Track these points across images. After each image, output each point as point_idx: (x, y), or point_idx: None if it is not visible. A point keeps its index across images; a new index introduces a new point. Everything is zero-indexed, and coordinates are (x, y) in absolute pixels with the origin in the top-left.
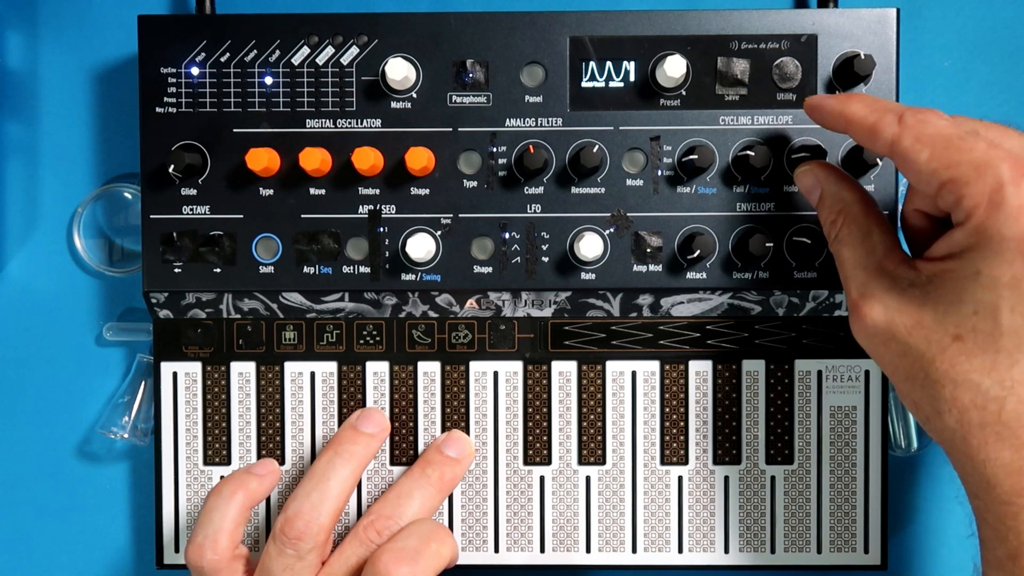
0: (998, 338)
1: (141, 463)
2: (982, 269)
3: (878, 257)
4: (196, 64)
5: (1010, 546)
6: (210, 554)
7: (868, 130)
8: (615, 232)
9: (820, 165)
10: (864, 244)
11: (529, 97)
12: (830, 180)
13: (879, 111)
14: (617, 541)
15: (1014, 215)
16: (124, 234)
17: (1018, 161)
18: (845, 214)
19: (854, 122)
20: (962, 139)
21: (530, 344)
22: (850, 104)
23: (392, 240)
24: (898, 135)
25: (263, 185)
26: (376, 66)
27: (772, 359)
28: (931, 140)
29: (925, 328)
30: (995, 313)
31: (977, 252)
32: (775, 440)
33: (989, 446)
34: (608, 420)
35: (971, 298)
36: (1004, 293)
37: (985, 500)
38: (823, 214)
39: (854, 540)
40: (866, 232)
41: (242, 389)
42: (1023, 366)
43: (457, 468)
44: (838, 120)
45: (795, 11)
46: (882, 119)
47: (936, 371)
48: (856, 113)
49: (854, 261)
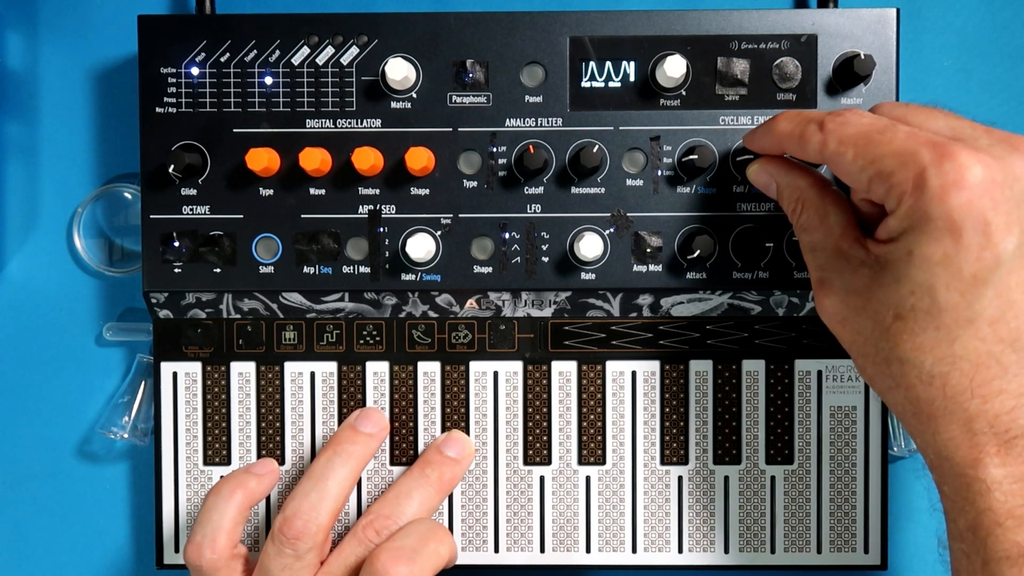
0: (937, 316)
1: (141, 463)
2: (914, 250)
3: (835, 238)
4: (196, 64)
5: (968, 518)
6: (209, 553)
7: (797, 143)
8: (615, 232)
9: (769, 160)
10: (822, 226)
11: (529, 97)
12: (781, 172)
13: (802, 122)
14: (617, 541)
15: (938, 195)
16: (124, 234)
17: (936, 144)
18: (802, 201)
19: (783, 138)
20: (881, 132)
21: (530, 344)
22: (776, 124)
23: (392, 240)
24: (823, 141)
25: (263, 185)
26: (376, 66)
27: (772, 359)
28: (852, 140)
29: (872, 308)
30: (931, 292)
31: (909, 234)
32: (775, 440)
33: (938, 421)
34: (608, 420)
35: (908, 278)
36: (937, 271)
37: (941, 473)
38: (784, 205)
39: (854, 540)
40: (823, 215)
41: (242, 389)
42: (963, 341)
43: (457, 468)
44: (771, 141)
45: (795, 11)
46: (805, 129)
47: (884, 349)
48: (783, 129)
49: (813, 244)
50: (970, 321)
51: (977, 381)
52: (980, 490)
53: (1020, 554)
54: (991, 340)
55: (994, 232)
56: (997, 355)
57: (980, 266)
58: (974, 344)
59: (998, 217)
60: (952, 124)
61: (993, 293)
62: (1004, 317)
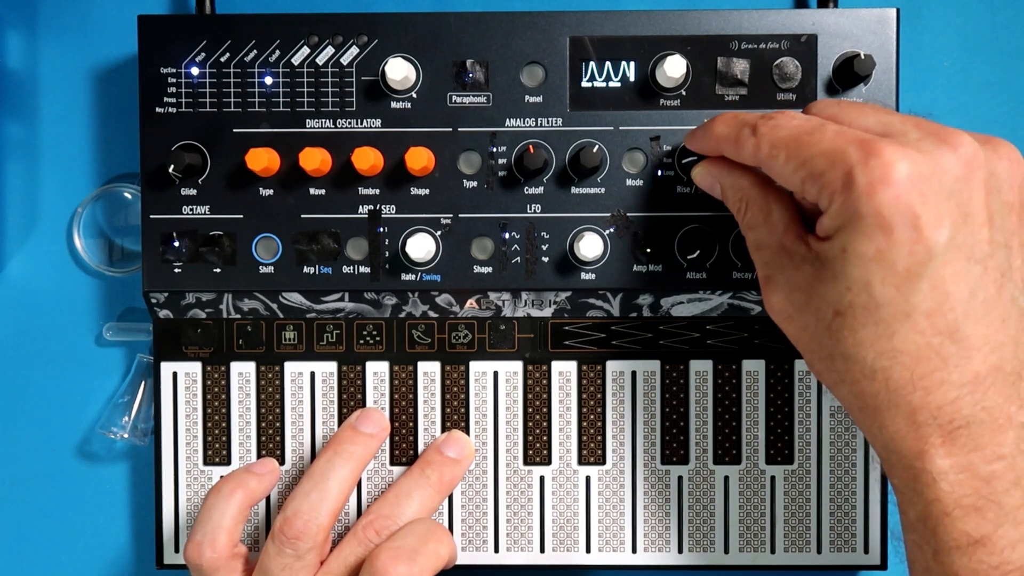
0: (874, 311)
1: (141, 463)
2: (848, 247)
3: (778, 235)
4: (196, 64)
5: (918, 509)
6: (209, 552)
7: (733, 145)
8: (615, 232)
9: (711, 162)
10: (766, 224)
11: (529, 97)
12: (723, 172)
13: (737, 125)
14: (617, 541)
15: (866, 192)
16: (124, 234)
17: (863, 141)
18: (746, 200)
19: (720, 141)
20: (810, 133)
21: (530, 344)
22: (712, 127)
23: (392, 240)
24: (756, 145)
25: (263, 185)
26: (376, 66)
27: (772, 359)
28: (784, 142)
29: (814, 305)
30: (867, 287)
31: (842, 232)
32: (775, 440)
33: (883, 414)
34: (608, 420)
35: (844, 275)
36: (872, 267)
37: (890, 466)
38: (729, 206)
39: (854, 540)
40: (766, 212)
41: (242, 389)
42: (903, 335)
43: (457, 469)
44: (709, 144)
45: (795, 11)
46: (740, 133)
47: (826, 345)
48: (719, 132)
49: (758, 242)
50: (907, 315)
51: (918, 374)
52: (927, 481)
53: (969, 543)
54: (929, 332)
55: (924, 226)
56: (936, 347)
57: (913, 260)
58: (913, 337)
59: (928, 211)
60: (883, 119)
61: (928, 286)
62: (940, 309)
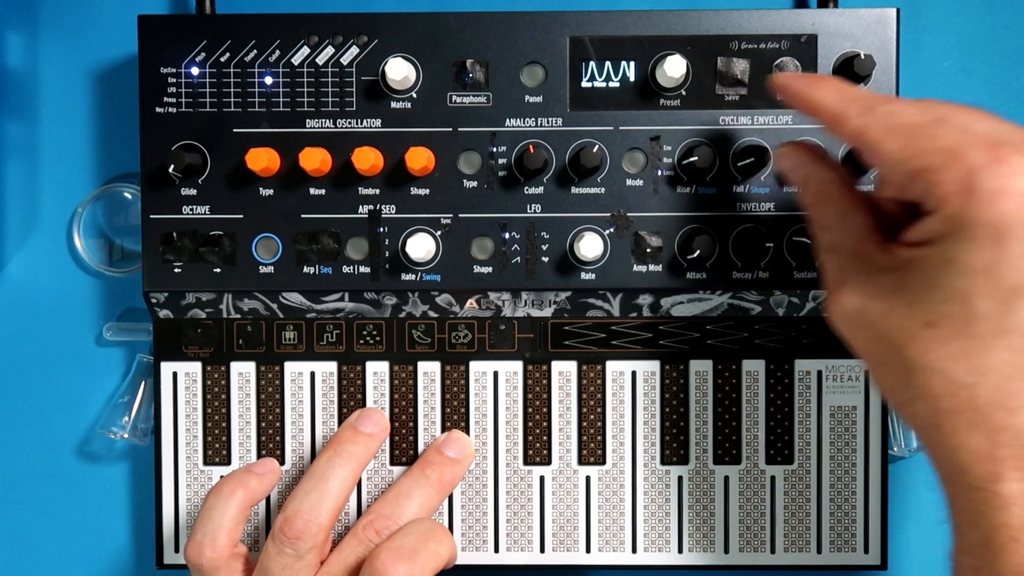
0: (971, 325)
1: (141, 463)
2: (955, 256)
3: (855, 240)
4: (196, 64)
5: (982, 532)
6: (209, 552)
7: (833, 118)
8: (615, 232)
9: (800, 146)
10: (842, 226)
11: (529, 97)
12: (810, 161)
13: (846, 100)
14: (617, 541)
15: (987, 200)
16: (124, 234)
17: (990, 145)
18: (824, 195)
19: (819, 108)
20: (931, 127)
21: (530, 344)
22: (817, 89)
23: (392, 240)
24: (865, 125)
25: (263, 185)
26: (376, 66)
27: (772, 359)
28: (900, 130)
29: (898, 314)
30: (968, 300)
31: (950, 239)
32: (775, 440)
33: (961, 433)
34: (608, 420)
35: (944, 285)
36: (978, 279)
37: (957, 486)
38: (805, 196)
39: (854, 540)
40: (844, 214)
41: (242, 389)
42: (996, 352)
43: (457, 468)
44: (804, 104)
45: (795, 11)
46: (848, 109)
47: (908, 358)
48: (822, 100)
49: (831, 244)
50: (1005, 331)
51: (1006, 393)
52: (998, 505)
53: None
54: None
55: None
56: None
57: (1021, 276)
58: (1006, 356)
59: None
60: (997, 126)
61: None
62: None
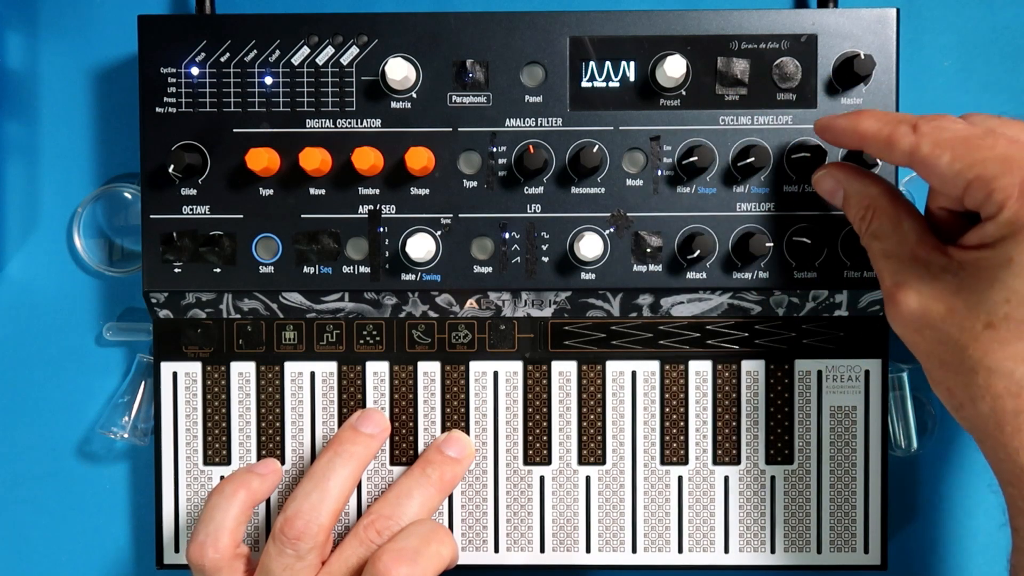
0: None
1: (141, 463)
2: (1015, 257)
3: (910, 245)
4: (196, 64)
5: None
6: (211, 552)
7: (884, 143)
8: (615, 232)
9: (837, 166)
10: (895, 233)
11: (529, 97)
12: (851, 179)
13: (892, 123)
14: (617, 541)
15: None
16: (124, 234)
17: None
18: (873, 208)
19: (868, 138)
20: (981, 138)
21: (530, 344)
22: (861, 121)
23: (392, 240)
24: (915, 144)
25: (263, 185)
26: (376, 66)
27: (772, 359)
28: (950, 143)
29: (958, 315)
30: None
31: (1011, 241)
32: (775, 440)
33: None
34: (608, 420)
35: (1003, 286)
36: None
37: (1019, 488)
38: (851, 212)
39: (854, 540)
40: (896, 222)
41: (242, 389)
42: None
43: (457, 468)
44: (851, 138)
45: (795, 11)
46: (896, 130)
47: (970, 358)
48: (869, 129)
49: (887, 251)
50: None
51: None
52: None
53: None
54: None
55: None
56: None
57: None
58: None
59: None
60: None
61: None
62: None
